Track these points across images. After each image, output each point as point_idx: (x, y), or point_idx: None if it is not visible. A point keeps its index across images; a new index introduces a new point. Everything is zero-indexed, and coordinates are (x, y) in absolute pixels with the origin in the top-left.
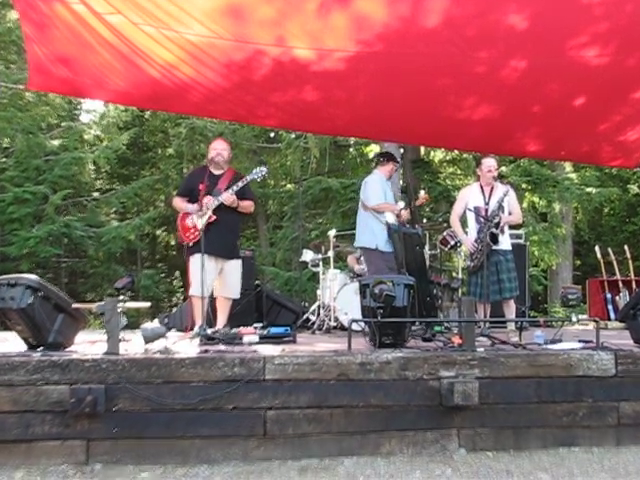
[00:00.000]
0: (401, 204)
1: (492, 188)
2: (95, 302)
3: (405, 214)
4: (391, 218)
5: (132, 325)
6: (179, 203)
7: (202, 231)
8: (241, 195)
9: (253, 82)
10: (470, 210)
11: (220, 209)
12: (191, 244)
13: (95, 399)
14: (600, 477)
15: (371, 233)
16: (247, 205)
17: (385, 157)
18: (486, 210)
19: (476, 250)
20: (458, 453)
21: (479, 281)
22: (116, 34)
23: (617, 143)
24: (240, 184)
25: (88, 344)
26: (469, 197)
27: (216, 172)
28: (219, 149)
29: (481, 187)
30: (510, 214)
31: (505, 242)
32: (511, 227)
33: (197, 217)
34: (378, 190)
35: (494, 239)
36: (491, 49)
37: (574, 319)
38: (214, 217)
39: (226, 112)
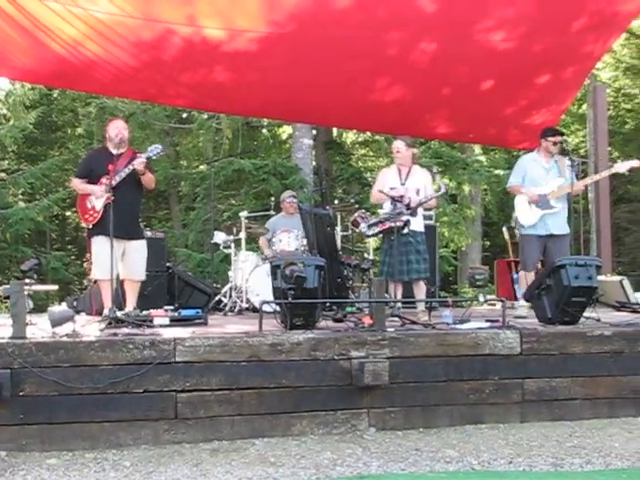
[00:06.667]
0: (553, 184)
1: (409, 170)
2: (1, 285)
3: (536, 198)
4: (523, 202)
5: (41, 309)
6: (79, 184)
7: (109, 210)
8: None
9: (163, 62)
10: (382, 192)
11: (120, 189)
12: (91, 226)
13: (0, 384)
14: (505, 452)
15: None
16: (151, 178)
17: (542, 134)
18: (401, 197)
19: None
20: (368, 432)
21: (387, 260)
22: (18, 8)
23: (523, 126)
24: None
25: None
26: (385, 179)
27: (116, 152)
28: (120, 127)
29: (398, 169)
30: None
31: (416, 223)
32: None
33: (96, 198)
34: (516, 170)
35: (406, 224)
36: (402, 31)
37: (482, 299)
38: (112, 198)
39: (137, 91)
